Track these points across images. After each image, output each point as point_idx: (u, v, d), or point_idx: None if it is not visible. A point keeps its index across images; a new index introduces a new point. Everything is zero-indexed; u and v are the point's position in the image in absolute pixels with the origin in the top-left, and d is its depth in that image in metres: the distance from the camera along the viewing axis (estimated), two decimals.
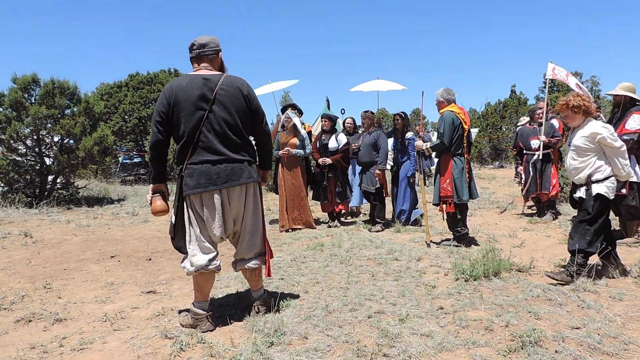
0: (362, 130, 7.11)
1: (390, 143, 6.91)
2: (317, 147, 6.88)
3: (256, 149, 3.22)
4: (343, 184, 6.82)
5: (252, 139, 3.18)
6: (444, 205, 5.22)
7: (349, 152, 6.88)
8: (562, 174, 8.76)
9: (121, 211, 8.59)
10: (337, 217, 6.99)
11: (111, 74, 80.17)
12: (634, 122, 4.93)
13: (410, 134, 6.67)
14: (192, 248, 2.95)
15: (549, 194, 6.86)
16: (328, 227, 6.77)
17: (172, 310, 3.39)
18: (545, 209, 7.05)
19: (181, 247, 3.07)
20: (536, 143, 6.87)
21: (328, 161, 6.70)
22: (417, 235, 5.90)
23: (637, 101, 5.15)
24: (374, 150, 6.54)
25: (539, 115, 7.34)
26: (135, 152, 19.24)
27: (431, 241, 5.37)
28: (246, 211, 3.03)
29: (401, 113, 6.73)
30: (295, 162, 6.63)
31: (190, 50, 3.03)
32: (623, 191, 5.06)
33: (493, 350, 2.59)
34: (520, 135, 7.46)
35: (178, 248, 3.10)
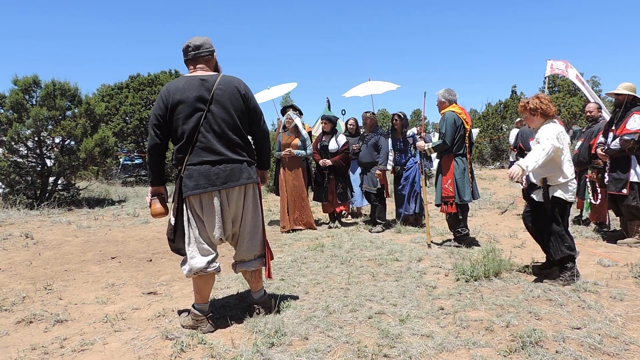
0: (364, 130, 7.11)
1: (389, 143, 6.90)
2: (318, 149, 6.89)
3: (255, 149, 3.19)
4: (344, 185, 6.80)
5: (251, 139, 3.16)
6: (446, 205, 5.22)
7: (349, 153, 6.87)
8: None
9: (122, 212, 8.60)
10: (338, 218, 6.99)
11: (112, 75, 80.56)
12: (635, 123, 4.93)
13: (410, 131, 6.66)
14: (191, 250, 2.93)
15: None
16: (329, 228, 6.76)
17: (173, 311, 3.39)
18: None
19: (180, 249, 3.05)
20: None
21: (328, 163, 6.68)
22: (418, 235, 5.90)
23: (639, 101, 5.16)
24: (375, 150, 6.54)
25: None
26: (136, 154, 19.27)
27: (432, 242, 5.37)
28: (245, 212, 3.02)
29: (400, 113, 6.71)
30: (296, 163, 6.64)
31: (185, 52, 2.99)
32: (624, 191, 5.06)
33: (493, 350, 2.60)
34: (520, 135, 7.50)
35: (177, 250, 3.07)
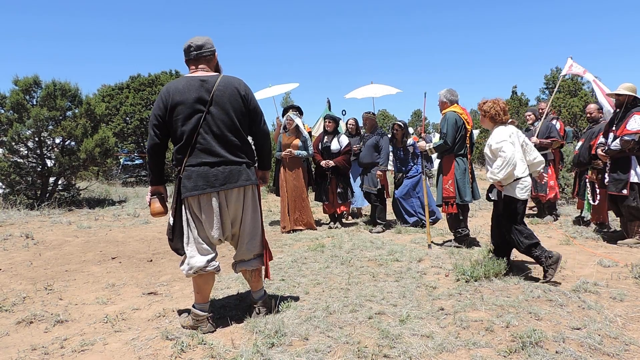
0: (364, 131, 7.12)
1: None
2: (319, 149, 6.88)
3: (255, 149, 3.19)
4: (344, 185, 6.81)
5: (251, 140, 3.15)
6: (446, 206, 5.21)
7: (351, 153, 6.87)
8: (563, 175, 8.76)
9: (122, 213, 8.60)
10: (338, 218, 6.99)
11: (112, 76, 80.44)
12: (635, 123, 4.93)
13: (410, 141, 6.67)
14: (190, 250, 2.94)
15: (546, 196, 6.82)
16: (329, 228, 6.77)
17: (173, 311, 3.39)
18: (545, 211, 7.04)
19: (179, 249, 3.05)
20: None
21: (331, 164, 6.66)
22: (418, 236, 5.90)
23: (639, 101, 5.16)
24: (376, 151, 6.54)
25: (528, 116, 7.40)
26: (136, 154, 19.27)
27: (432, 242, 5.37)
28: (245, 213, 3.02)
29: (400, 123, 6.74)
30: (296, 163, 6.64)
31: (186, 52, 2.97)
32: (624, 192, 5.06)
33: (494, 351, 2.60)
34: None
35: (176, 250, 3.08)
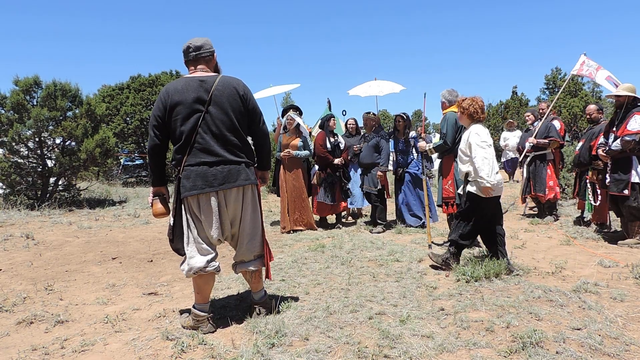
0: (364, 131, 7.13)
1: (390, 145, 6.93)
2: (329, 149, 6.79)
3: (254, 149, 3.19)
4: (347, 182, 6.92)
5: (250, 140, 3.16)
6: (447, 206, 5.21)
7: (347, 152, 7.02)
8: (564, 175, 8.75)
9: (123, 213, 8.61)
10: (339, 219, 7.01)
11: (112, 76, 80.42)
12: (636, 123, 4.93)
13: (412, 133, 6.68)
14: (190, 250, 2.94)
15: (545, 196, 6.81)
16: (330, 229, 6.77)
17: (174, 311, 3.39)
18: (545, 211, 7.03)
19: (179, 249, 3.06)
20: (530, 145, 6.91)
21: (343, 161, 6.84)
22: (418, 236, 5.90)
23: (639, 101, 5.15)
24: (376, 151, 6.55)
25: (528, 116, 7.41)
26: (136, 154, 19.27)
27: (432, 242, 5.37)
28: (244, 213, 3.02)
29: (403, 114, 6.73)
30: (296, 164, 6.64)
31: (186, 53, 2.99)
32: (625, 192, 5.06)
33: (494, 351, 2.59)
34: (522, 136, 7.56)
35: (176, 250, 3.09)
